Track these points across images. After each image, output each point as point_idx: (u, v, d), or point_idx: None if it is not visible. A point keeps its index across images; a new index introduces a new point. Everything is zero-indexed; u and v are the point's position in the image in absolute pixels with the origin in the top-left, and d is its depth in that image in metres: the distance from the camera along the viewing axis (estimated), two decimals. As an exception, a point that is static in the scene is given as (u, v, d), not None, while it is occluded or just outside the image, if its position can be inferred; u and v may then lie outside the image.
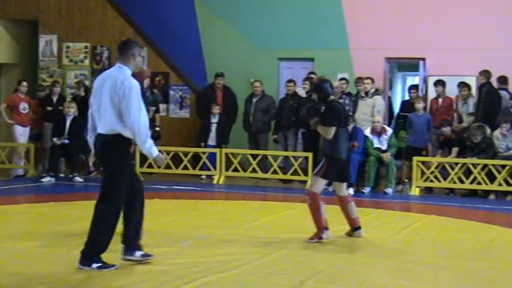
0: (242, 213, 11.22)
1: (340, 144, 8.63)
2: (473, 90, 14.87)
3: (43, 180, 14.41)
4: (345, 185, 8.96)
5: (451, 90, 14.97)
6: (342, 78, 15.44)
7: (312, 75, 15.56)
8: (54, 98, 15.81)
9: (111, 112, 6.76)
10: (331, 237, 8.82)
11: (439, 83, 14.97)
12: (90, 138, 7.12)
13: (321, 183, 8.73)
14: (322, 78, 9.10)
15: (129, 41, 7.18)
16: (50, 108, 15.62)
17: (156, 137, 16.35)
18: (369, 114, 14.57)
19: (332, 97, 8.83)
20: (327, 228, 8.65)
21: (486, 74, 14.46)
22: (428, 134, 14.55)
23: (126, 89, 6.75)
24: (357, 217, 8.94)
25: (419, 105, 14.50)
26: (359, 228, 8.90)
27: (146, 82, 10.12)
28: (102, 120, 6.84)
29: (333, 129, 8.58)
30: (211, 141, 15.55)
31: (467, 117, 14.55)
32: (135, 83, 6.82)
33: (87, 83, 17.21)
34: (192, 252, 7.82)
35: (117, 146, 6.83)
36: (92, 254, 6.84)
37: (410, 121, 14.50)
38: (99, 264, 6.82)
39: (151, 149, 6.84)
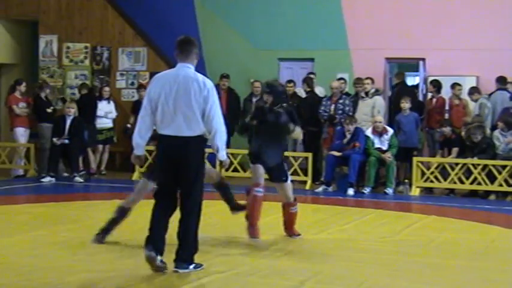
0: (242, 213, 11.19)
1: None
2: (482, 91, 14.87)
3: (43, 180, 14.41)
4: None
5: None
6: (341, 78, 15.47)
7: (311, 76, 15.62)
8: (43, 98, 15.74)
9: (196, 113, 6.66)
10: (330, 238, 8.84)
11: (432, 83, 15.00)
12: (142, 139, 6.91)
13: None
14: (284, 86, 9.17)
15: (191, 39, 6.95)
16: (49, 110, 15.58)
17: (154, 137, 16.33)
18: (369, 115, 14.57)
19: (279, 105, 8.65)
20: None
21: (399, 75, 15.49)
22: (417, 133, 14.58)
23: (210, 90, 6.70)
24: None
25: (406, 105, 14.48)
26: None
27: None
28: (186, 123, 6.68)
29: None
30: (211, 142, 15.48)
31: (473, 118, 14.48)
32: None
33: (87, 82, 17.27)
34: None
35: (202, 147, 6.82)
36: (190, 256, 6.84)
37: (398, 122, 14.49)
38: (195, 264, 6.86)
39: (224, 151, 6.85)
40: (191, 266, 6.84)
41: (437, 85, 14.93)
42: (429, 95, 15.27)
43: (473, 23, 15.65)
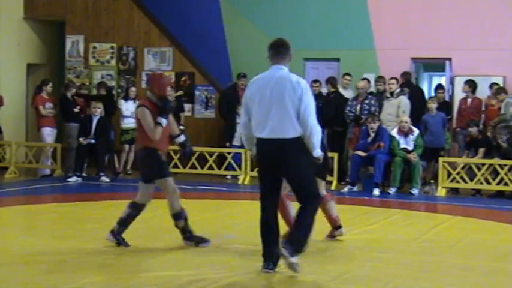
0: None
1: None
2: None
3: (70, 180, 14.50)
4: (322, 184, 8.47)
5: (479, 91, 14.86)
6: (364, 78, 15.43)
7: (347, 77, 15.57)
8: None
9: (291, 114, 6.63)
10: (355, 238, 8.83)
11: (468, 83, 14.87)
12: (251, 144, 6.94)
13: None
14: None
15: (285, 41, 7.13)
16: (76, 110, 15.65)
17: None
18: (394, 115, 14.49)
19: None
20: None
21: (406, 75, 15.27)
22: (444, 133, 14.48)
23: (303, 90, 6.71)
24: (337, 216, 8.70)
25: (433, 105, 14.40)
26: (340, 227, 8.73)
27: None
28: (282, 125, 6.64)
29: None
30: (236, 141, 15.51)
31: (498, 116, 14.37)
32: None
33: (113, 83, 17.38)
34: (216, 252, 7.85)
35: (300, 148, 6.70)
36: (300, 248, 6.72)
37: (425, 122, 14.40)
38: (297, 260, 6.69)
39: (318, 148, 6.81)
40: (294, 258, 6.63)
41: (473, 85, 14.82)
42: (463, 94, 15.13)
43: (500, 22, 15.54)
